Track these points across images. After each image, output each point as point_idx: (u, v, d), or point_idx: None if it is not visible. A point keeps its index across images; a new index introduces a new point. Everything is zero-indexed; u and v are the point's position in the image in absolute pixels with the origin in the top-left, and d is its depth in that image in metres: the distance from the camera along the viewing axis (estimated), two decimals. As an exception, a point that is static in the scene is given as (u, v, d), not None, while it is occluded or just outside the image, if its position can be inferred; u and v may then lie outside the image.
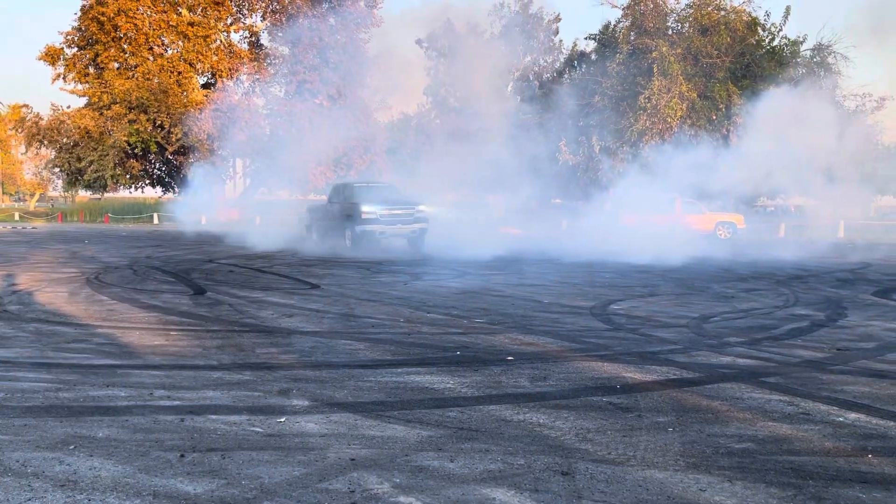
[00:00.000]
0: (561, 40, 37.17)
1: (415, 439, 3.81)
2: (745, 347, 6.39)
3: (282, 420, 4.12)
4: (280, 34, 31.95)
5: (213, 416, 4.17)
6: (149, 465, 3.38)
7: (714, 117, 27.51)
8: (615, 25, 32.02)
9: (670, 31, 29.91)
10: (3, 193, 79.70)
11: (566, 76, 34.87)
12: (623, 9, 30.92)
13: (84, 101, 30.55)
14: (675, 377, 5.26)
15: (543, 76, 33.61)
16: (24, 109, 31.30)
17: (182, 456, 3.51)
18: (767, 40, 30.02)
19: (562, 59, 36.35)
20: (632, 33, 30.18)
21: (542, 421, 4.17)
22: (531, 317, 8.11)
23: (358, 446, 3.69)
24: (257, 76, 32.11)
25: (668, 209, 24.25)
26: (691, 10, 29.35)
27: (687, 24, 29.64)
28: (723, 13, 28.82)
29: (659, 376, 5.27)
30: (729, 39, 28.13)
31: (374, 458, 3.52)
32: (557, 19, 36.35)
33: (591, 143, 28.48)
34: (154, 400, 4.51)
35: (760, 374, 5.35)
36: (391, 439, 3.81)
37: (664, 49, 27.26)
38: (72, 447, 3.61)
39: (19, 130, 31.40)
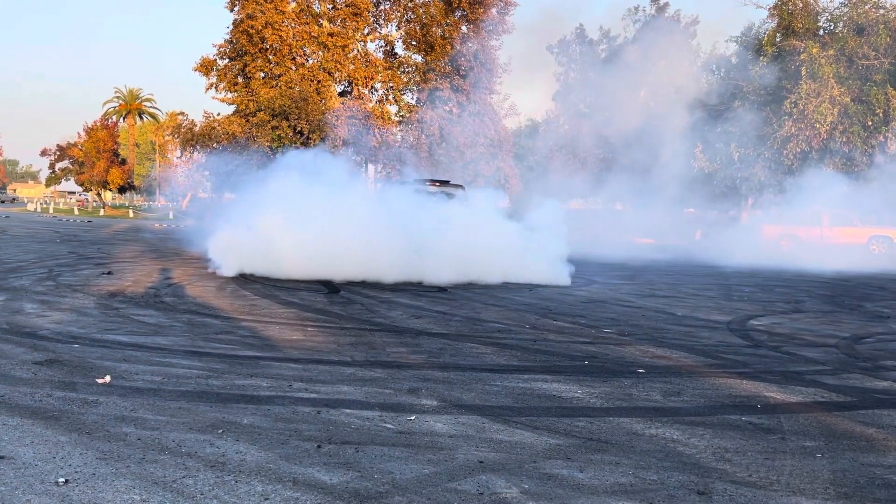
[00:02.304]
0: (699, 44, 35.78)
1: (543, 446, 3.77)
2: (905, 372, 5.86)
3: (412, 418, 4.21)
4: (413, 43, 32.75)
5: (347, 411, 4.33)
6: (289, 454, 3.55)
7: (870, 123, 25.43)
8: (759, 27, 30.43)
9: (821, 32, 28.02)
10: (160, 194, 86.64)
11: (704, 80, 33.45)
12: (769, 9, 29.31)
13: (232, 108, 32.61)
14: (824, 400, 4.90)
15: (679, 80, 32.41)
16: (180, 117, 33.78)
17: (319, 447, 3.66)
18: (934, 39, 27.46)
19: (699, 63, 34.94)
20: (778, 34, 28.54)
21: (675, 437, 4.01)
22: (663, 329, 7.83)
23: (486, 449, 3.70)
24: (391, 84, 33.08)
25: (815, 221, 22.74)
26: (846, 9, 27.36)
27: (840, 24, 27.67)
28: (881, 12, 26.65)
29: (805, 398, 4.93)
30: (888, 39, 25.97)
31: (502, 462, 3.52)
32: (695, 22, 35.03)
33: (730, 149, 27.15)
34: (293, 391, 4.74)
35: (923, 403, 4.89)
36: (519, 444, 3.79)
37: (814, 50, 25.54)
38: (220, 431, 3.86)
39: (175, 136, 33.87)
